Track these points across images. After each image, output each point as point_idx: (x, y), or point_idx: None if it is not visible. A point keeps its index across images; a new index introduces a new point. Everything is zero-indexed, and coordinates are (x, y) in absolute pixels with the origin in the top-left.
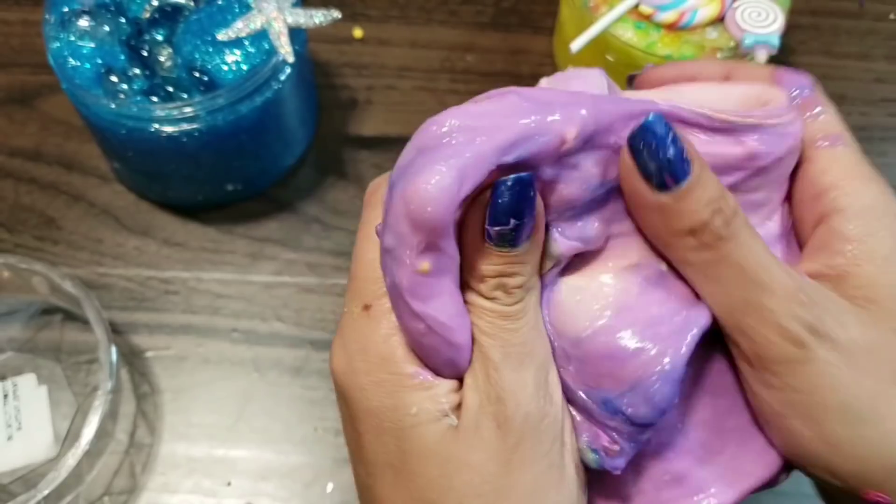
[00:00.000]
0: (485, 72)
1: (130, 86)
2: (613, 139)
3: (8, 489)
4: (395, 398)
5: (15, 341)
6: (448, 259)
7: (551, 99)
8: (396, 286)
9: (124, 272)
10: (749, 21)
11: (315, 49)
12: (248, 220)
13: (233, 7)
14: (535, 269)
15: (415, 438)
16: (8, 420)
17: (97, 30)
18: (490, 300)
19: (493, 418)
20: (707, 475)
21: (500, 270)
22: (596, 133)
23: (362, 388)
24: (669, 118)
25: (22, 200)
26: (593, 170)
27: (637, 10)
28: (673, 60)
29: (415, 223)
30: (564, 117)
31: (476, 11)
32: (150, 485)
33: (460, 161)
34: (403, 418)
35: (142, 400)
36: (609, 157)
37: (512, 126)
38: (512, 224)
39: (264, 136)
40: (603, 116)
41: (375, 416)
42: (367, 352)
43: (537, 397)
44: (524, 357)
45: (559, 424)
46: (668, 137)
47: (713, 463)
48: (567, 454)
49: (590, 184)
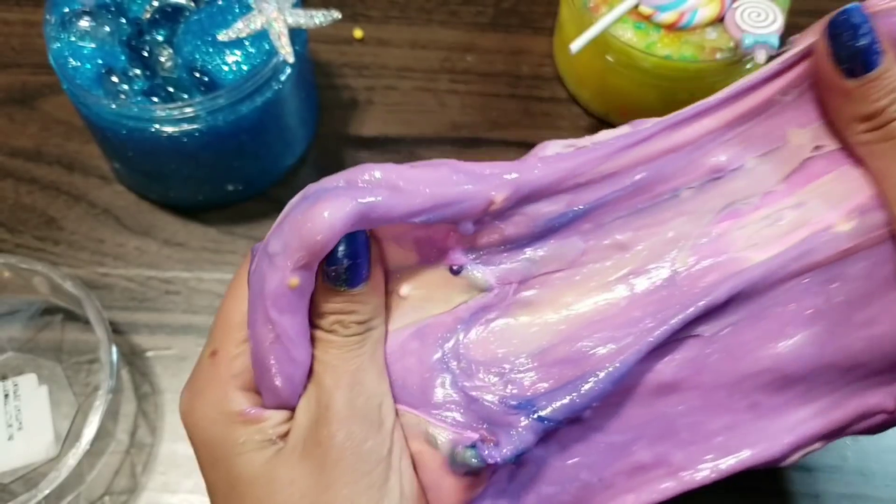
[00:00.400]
0: (485, 72)
1: (131, 86)
2: (572, 182)
3: (9, 489)
4: (226, 432)
5: (15, 341)
6: (310, 286)
7: (480, 170)
8: (263, 291)
9: (125, 272)
10: (748, 21)
11: (315, 49)
12: (248, 220)
13: (233, 7)
14: (376, 310)
15: (242, 465)
16: (9, 420)
17: (98, 30)
18: (329, 333)
19: (316, 438)
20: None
21: (339, 308)
22: (540, 188)
23: (199, 426)
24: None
25: (23, 201)
26: (549, 208)
27: (637, 11)
28: (672, 61)
29: (303, 240)
30: (489, 186)
31: (476, 12)
32: (150, 484)
33: (366, 207)
34: (232, 448)
35: (143, 400)
36: (576, 190)
37: (430, 195)
38: (345, 264)
39: (265, 136)
40: (540, 178)
41: (210, 448)
42: (205, 393)
43: (363, 421)
44: (354, 385)
45: (385, 448)
46: (864, 27)
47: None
48: (393, 477)
49: (540, 220)
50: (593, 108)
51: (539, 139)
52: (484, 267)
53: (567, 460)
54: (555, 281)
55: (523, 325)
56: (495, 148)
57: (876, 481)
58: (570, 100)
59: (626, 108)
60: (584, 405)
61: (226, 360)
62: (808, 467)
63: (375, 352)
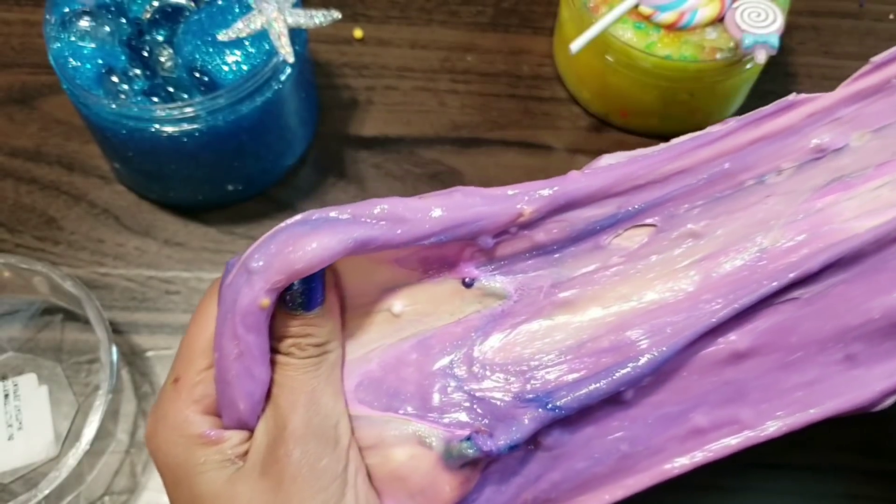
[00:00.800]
0: (485, 72)
1: (131, 86)
2: (628, 185)
3: (9, 489)
4: (188, 454)
5: (16, 341)
6: (273, 309)
7: (500, 192)
8: (235, 307)
9: (125, 272)
10: (748, 21)
11: (315, 49)
12: (248, 220)
13: (233, 7)
14: (332, 333)
15: (203, 484)
16: (9, 420)
17: (98, 30)
18: (286, 356)
19: (274, 456)
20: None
21: (295, 332)
22: (582, 197)
23: (162, 449)
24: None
25: (23, 200)
26: (594, 212)
27: (637, 11)
28: (672, 61)
29: (285, 264)
30: (514, 202)
31: (476, 12)
32: (150, 484)
33: (359, 243)
34: (193, 468)
35: (143, 400)
36: (631, 192)
37: (438, 219)
38: (300, 289)
39: (265, 136)
40: (582, 188)
41: (173, 470)
42: (167, 418)
43: (318, 439)
44: (310, 405)
45: (341, 465)
46: None
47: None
48: (349, 492)
49: (580, 224)
50: (593, 107)
51: (539, 139)
52: (503, 276)
53: (606, 437)
54: (601, 278)
55: (560, 323)
56: (495, 148)
57: None
58: (570, 100)
59: (625, 107)
60: (612, 391)
61: (187, 387)
62: None
63: (332, 373)
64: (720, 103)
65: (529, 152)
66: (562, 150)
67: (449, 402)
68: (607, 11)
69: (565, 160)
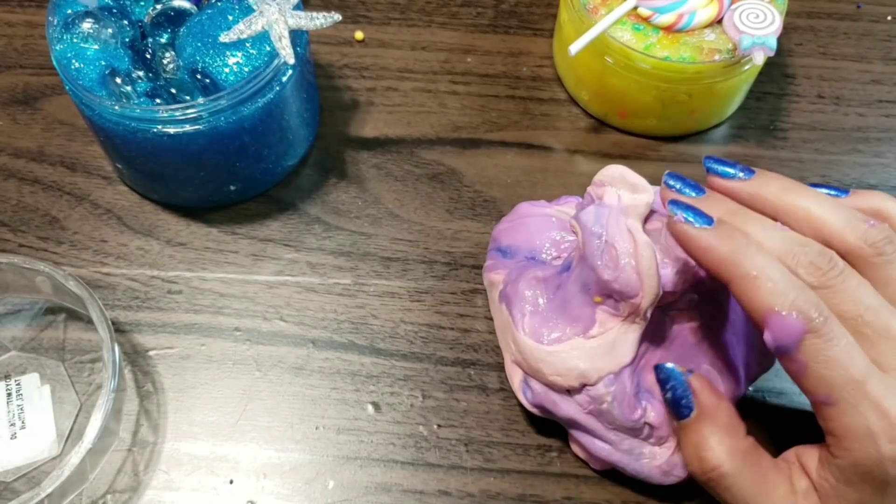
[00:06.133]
0: (484, 73)
1: (134, 88)
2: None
3: (11, 487)
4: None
5: (18, 340)
6: None
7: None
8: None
9: (128, 272)
10: (747, 23)
11: (316, 51)
12: (250, 220)
13: (234, 9)
14: None
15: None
16: (11, 419)
17: (101, 32)
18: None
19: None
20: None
21: None
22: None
23: None
24: None
25: (26, 201)
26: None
27: (635, 13)
28: (671, 62)
29: (626, 292)
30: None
31: (476, 14)
32: (153, 483)
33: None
34: None
35: (145, 398)
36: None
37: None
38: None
39: (266, 137)
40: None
41: None
42: None
43: None
44: None
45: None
46: None
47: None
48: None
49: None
50: (592, 109)
51: (538, 140)
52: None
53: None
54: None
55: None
56: (495, 148)
57: None
58: (570, 101)
59: (625, 109)
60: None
61: None
62: None
63: None
64: (718, 104)
65: (529, 153)
66: (561, 150)
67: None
68: (606, 13)
69: (564, 161)
